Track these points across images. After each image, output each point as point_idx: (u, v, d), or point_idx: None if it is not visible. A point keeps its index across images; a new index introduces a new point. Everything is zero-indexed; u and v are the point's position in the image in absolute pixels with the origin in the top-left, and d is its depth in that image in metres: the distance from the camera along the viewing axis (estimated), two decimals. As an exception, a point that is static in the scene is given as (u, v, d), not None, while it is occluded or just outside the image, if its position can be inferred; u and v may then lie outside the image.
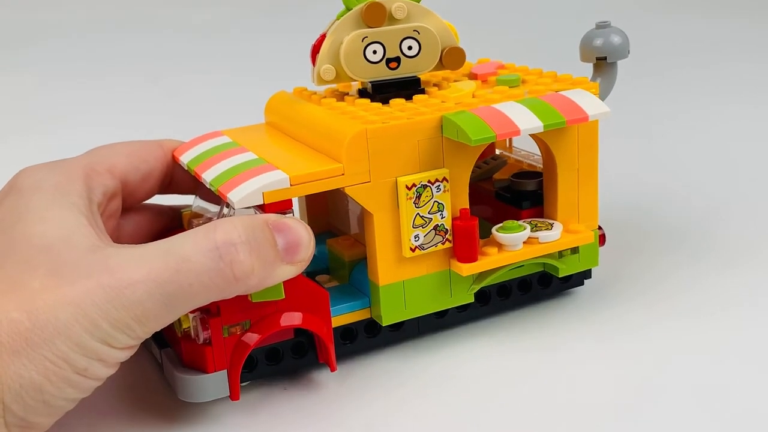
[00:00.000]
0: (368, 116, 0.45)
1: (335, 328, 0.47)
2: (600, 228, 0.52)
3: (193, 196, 0.52)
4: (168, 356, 0.46)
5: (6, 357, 0.36)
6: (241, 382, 0.45)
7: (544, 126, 0.45)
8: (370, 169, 0.44)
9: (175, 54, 1.29)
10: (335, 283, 0.50)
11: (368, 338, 0.48)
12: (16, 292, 0.38)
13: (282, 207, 0.43)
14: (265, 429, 0.44)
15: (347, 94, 0.51)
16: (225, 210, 0.47)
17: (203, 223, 0.48)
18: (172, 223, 0.53)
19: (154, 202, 0.53)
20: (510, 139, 0.58)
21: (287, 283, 0.43)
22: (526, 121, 0.45)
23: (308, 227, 0.42)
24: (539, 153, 0.55)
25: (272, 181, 0.42)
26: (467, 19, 0.50)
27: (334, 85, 0.52)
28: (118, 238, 0.49)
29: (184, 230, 0.49)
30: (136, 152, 0.49)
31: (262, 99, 0.54)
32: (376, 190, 0.45)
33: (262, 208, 0.43)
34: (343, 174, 0.44)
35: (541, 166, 0.54)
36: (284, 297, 0.43)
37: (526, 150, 0.57)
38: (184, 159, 0.49)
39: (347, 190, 0.44)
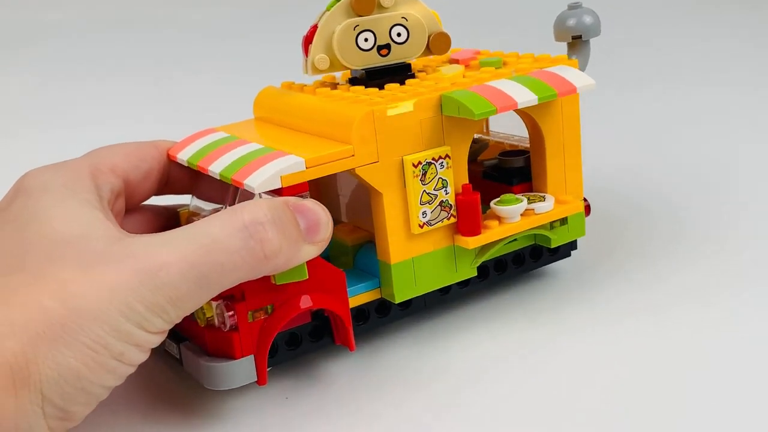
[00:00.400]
0: (372, 99, 0.47)
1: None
2: (585, 199, 0.55)
3: (190, 195, 0.53)
4: (189, 348, 0.46)
5: (43, 345, 0.36)
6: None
7: (539, 98, 0.47)
8: (377, 149, 0.46)
9: (163, 54, 1.26)
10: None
11: (379, 318, 0.50)
12: (45, 284, 0.38)
13: (299, 190, 0.44)
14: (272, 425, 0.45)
15: (337, 84, 0.52)
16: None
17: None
18: (170, 222, 0.53)
19: (150, 203, 0.53)
20: (487, 123, 0.61)
21: (308, 265, 0.44)
22: (521, 95, 0.47)
23: (325, 208, 0.43)
24: (516, 134, 0.58)
25: (288, 165, 0.43)
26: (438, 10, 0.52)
27: (320, 77, 0.54)
28: None
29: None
30: (134, 152, 0.49)
31: (245, 96, 0.55)
32: (384, 170, 0.46)
33: (279, 192, 0.44)
34: (353, 155, 0.45)
35: (522, 145, 0.56)
36: (308, 277, 0.44)
37: (504, 132, 0.60)
38: (183, 156, 0.49)
39: (357, 171, 0.45)
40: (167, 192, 0.52)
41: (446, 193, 0.48)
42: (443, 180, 0.48)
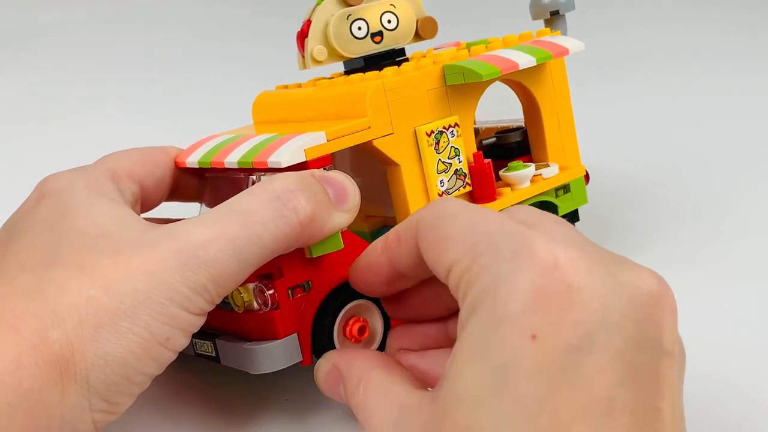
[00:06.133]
0: (378, 75, 0.48)
1: None
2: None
3: (197, 204, 0.52)
4: (226, 340, 0.45)
5: (89, 334, 0.35)
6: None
7: (537, 60, 0.49)
8: (391, 121, 0.47)
9: (154, 56, 1.23)
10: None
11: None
12: (86, 273, 0.37)
13: (323, 163, 0.44)
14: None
15: (333, 78, 0.53)
16: None
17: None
18: None
19: (152, 215, 0.52)
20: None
21: None
22: (520, 58, 0.49)
23: (350, 178, 0.44)
24: (502, 119, 0.60)
25: (310, 139, 0.44)
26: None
27: (313, 77, 0.55)
28: None
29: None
30: (148, 159, 0.49)
31: (234, 99, 0.55)
32: (399, 141, 0.47)
33: (303, 166, 0.44)
34: (369, 127, 0.46)
35: (514, 124, 0.58)
36: (343, 246, 0.44)
37: (490, 120, 0.61)
38: (193, 159, 0.49)
39: (375, 143, 0.46)
40: (174, 199, 0.52)
41: (459, 162, 0.49)
42: (455, 149, 0.49)
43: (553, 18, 0.56)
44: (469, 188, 0.49)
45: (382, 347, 0.45)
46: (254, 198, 0.40)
